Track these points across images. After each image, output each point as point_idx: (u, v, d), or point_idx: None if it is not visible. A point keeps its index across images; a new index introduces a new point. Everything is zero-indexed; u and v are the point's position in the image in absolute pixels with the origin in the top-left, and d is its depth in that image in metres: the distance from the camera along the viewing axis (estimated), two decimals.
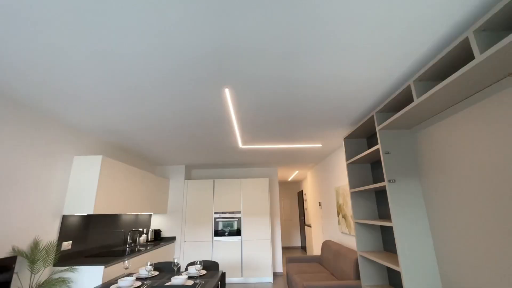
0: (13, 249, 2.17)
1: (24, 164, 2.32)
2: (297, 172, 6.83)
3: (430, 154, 2.04)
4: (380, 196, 2.80)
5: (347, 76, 1.93)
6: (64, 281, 2.45)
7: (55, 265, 2.58)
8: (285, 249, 8.67)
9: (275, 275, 5.20)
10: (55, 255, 2.60)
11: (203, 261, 2.85)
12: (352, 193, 2.89)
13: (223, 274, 2.72)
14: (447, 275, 1.87)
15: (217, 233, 4.98)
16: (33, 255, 2.24)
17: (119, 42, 1.50)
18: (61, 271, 2.54)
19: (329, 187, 4.82)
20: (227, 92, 2.15)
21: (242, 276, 4.71)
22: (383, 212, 2.74)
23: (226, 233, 4.97)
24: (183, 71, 1.81)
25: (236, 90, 2.11)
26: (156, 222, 5.04)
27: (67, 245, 2.78)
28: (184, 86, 2.03)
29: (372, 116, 2.46)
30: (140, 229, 4.53)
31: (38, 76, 1.84)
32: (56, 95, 2.13)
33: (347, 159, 3.03)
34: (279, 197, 5.75)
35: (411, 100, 2.15)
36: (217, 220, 5.06)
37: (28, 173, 2.35)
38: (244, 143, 3.74)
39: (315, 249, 6.10)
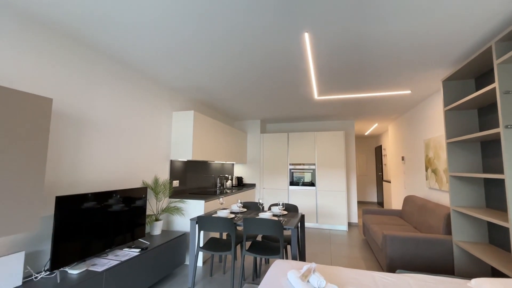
0: (143, 182, 2.88)
1: (140, 119, 2.89)
2: (376, 125, 6.30)
3: None
4: (489, 146, 2.38)
5: None
6: (178, 209, 3.17)
7: (170, 197, 3.32)
8: (360, 203, 8.59)
9: (350, 224, 5.33)
10: (170, 190, 3.32)
11: (284, 203, 3.15)
12: (448, 144, 2.54)
13: (303, 216, 2.97)
14: None
15: (292, 183, 5.30)
16: (155, 188, 2.93)
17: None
18: (175, 201, 3.27)
19: (416, 140, 4.33)
20: (306, 37, 2.06)
21: (317, 222, 5.02)
22: (490, 164, 2.35)
23: (300, 184, 5.23)
24: (262, 14, 1.81)
25: (316, 33, 2.00)
26: (238, 170, 5.67)
27: (176, 183, 3.49)
28: (261, 32, 2.05)
29: (488, 48, 1.98)
30: (226, 175, 5.21)
31: (142, 39, 2.16)
32: (154, 56, 2.48)
33: (446, 105, 2.61)
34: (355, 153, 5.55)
35: None
36: (292, 171, 5.33)
37: (143, 126, 2.94)
38: (320, 93, 3.62)
39: (394, 204, 5.83)
